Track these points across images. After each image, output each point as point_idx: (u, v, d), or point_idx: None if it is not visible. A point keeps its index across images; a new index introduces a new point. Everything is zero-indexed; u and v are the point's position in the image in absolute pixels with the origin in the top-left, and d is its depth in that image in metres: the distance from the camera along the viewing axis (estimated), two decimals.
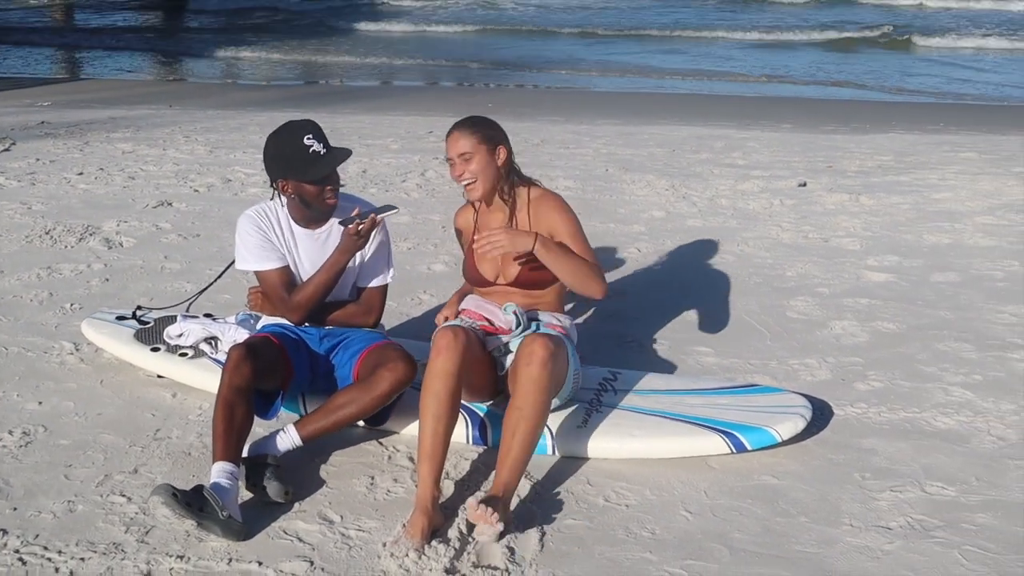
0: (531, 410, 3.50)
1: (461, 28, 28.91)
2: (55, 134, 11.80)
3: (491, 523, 3.24)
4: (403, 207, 7.91)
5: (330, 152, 3.92)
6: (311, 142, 3.87)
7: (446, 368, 3.53)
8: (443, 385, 3.52)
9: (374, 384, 3.77)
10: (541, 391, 3.52)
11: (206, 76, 20.86)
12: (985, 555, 3.26)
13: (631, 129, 12.82)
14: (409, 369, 3.79)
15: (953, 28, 26.32)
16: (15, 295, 5.81)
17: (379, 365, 3.80)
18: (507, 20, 30.28)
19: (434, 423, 3.51)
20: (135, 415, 4.27)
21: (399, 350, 3.90)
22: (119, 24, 30.63)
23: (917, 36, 25.14)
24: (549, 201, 4.01)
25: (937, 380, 4.70)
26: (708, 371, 4.83)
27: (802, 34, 26.16)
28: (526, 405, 3.50)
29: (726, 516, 3.51)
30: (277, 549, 3.28)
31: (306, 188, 3.92)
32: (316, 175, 3.90)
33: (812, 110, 15.19)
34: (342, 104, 15.26)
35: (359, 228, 3.88)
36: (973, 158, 10.64)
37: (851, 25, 27.06)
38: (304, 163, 3.88)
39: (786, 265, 6.64)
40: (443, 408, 3.52)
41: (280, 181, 3.96)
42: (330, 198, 3.98)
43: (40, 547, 3.25)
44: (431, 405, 3.52)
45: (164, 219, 7.71)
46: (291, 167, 3.90)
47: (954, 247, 7.12)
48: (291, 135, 3.90)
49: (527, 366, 3.53)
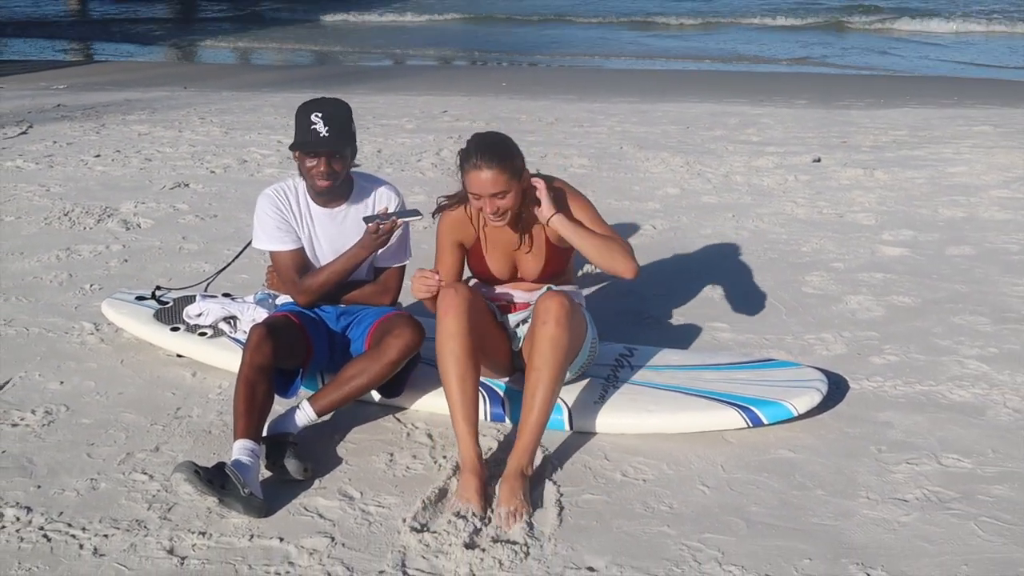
0: (549, 371, 3.52)
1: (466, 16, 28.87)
2: (71, 117, 11.84)
3: (522, 518, 3.30)
4: (419, 186, 7.94)
5: (330, 137, 3.90)
6: (316, 120, 3.88)
7: (456, 326, 3.56)
8: (457, 344, 3.55)
9: (382, 352, 3.80)
10: (559, 348, 3.53)
11: (221, 57, 20.87)
12: (1002, 526, 3.27)
13: (645, 107, 12.79)
14: (416, 334, 3.83)
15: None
16: (35, 276, 5.85)
17: (386, 333, 3.85)
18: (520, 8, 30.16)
19: (459, 384, 3.56)
20: (155, 394, 4.31)
21: (406, 317, 3.95)
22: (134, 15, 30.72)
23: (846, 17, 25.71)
24: (563, 193, 3.90)
25: (953, 353, 4.70)
26: (724, 346, 4.84)
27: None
28: (544, 365, 3.52)
29: (743, 490, 3.53)
30: (298, 525, 3.32)
31: (304, 161, 3.96)
32: (297, 143, 3.94)
33: (826, 86, 15.14)
34: (357, 84, 15.26)
35: (378, 227, 3.90)
36: (988, 132, 10.60)
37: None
38: (299, 133, 3.93)
39: (801, 240, 6.63)
40: (463, 367, 3.56)
41: (293, 152, 4.00)
42: (320, 179, 3.95)
43: (64, 524, 3.30)
44: (452, 367, 3.56)
45: (181, 200, 7.74)
46: (295, 136, 3.97)
47: (969, 220, 7.10)
48: (307, 108, 3.95)
49: (544, 324, 3.54)
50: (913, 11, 25.75)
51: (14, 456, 3.76)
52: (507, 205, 3.73)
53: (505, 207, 3.73)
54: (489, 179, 3.65)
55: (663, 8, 28.47)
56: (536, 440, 3.54)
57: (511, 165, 3.69)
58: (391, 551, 3.15)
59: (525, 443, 3.51)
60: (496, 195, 3.68)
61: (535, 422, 3.53)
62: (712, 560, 3.10)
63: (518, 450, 3.51)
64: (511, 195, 3.71)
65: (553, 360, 3.53)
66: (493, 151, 3.69)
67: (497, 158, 3.66)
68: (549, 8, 29.21)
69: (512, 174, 3.69)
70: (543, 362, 3.53)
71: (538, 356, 3.54)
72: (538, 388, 3.52)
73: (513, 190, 3.71)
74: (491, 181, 3.65)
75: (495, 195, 3.68)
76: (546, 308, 3.57)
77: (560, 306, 3.56)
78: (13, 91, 14.42)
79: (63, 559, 3.11)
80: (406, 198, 4.22)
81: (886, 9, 26.39)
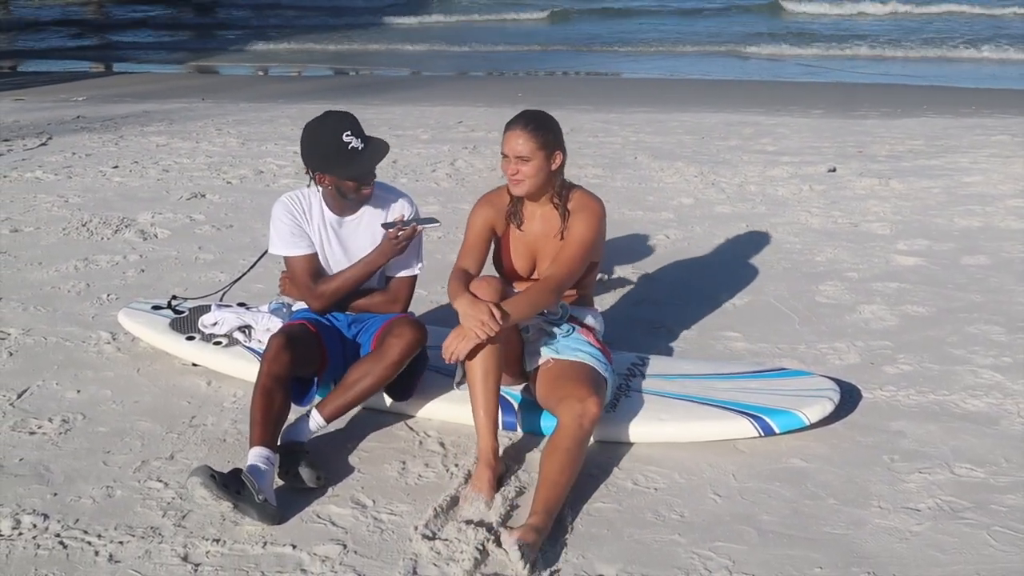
0: (572, 465, 3.48)
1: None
2: (90, 128, 11.94)
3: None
4: (433, 196, 7.97)
5: (368, 147, 3.95)
6: (349, 139, 3.89)
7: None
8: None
9: (384, 353, 3.83)
10: (582, 446, 3.54)
11: (237, 69, 20.99)
12: (1015, 536, 3.26)
13: (661, 116, 12.80)
14: (417, 334, 3.85)
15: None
16: (53, 286, 5.90)
17: (388, 334, 3.88)
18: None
19: (484, 376, 3.61)
20: (171, 403, 4.34)
21: (408, 317, 3.98)
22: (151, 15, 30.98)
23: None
24: (583, 212, 3.95)
25: (966, 363, 4.69)
26: (737, 356, 4.84)
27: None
28: (569, 460, 3.47)
29: (755, 499, 3.53)
30: (311, 533, 3.33)
31: (344, 183, 3.98)
32: (354, 173, 3.95)
33: (843, 95, 15.11)
34: (372, 95, 15.33)
35: (398, 233, 3.93)
36: (1006, 141, 10.56)
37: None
38: (342, 160, 3.91)
39: (815, 250, 6.63)
40: (490, 362, 3.61)
41: (317, 174, 4.00)
42: (366, 189, 4.04)
43: (80, 531, 3.33)
44: (479, 359, 3.59)
45: (198, 211, 7.79)
46: (328, 163, 3.94)
47: (985, 230, 7.08)
48: (329, 131, 3.92)
49: (580, 420, 3.53)
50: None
51: (31, 464, 3.79)
52: (527, 172, 3.86)
53: (525, 174, 3.86)
54: (518, 140, 3.84)
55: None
56: (553, 513, 3.36)
57: (542, 136, 3.85)
58: (403, 559, 3.16)
59: (540, 516, 3.31)
60: (520, 158, 3.84)
61: (555, 496, 3.40)
62: (723, 569, 3.11)
63: (535, 519, 3.29)
64: (533, 164, 3.85)
65: (576, 457, 3.50)
66: (531, 117, 3.91)
67: (532, 124, 3.86)
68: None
69: (541, 145, 3.84)
70: (567, 457, 3.48)
71: (563, 441, 3.52)
72: (563, 474, 3.44)
73: (537, 160, 3.85)
74: (519, 143, 3.83)
75: (520, 158, 3.84)
76: (584, 410, 3.56)
77: (596, 406, 3.58)
78: (34, 103, 14.55)
79: (79, 566, 3.14)
80: (420, 208, 4.24)
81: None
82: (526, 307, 3.74)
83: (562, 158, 3.92)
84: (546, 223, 4.02)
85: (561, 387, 3.69)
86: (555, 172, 3.93)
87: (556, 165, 3.91)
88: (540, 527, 3.21)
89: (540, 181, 3.90)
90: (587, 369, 3.80)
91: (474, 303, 3.58)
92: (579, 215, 3.94)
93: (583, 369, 3.79)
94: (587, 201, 3.99)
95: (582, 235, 3.91)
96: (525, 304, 3.74)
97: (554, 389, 3.73)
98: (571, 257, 3.88)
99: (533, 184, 3.90)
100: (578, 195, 4.01)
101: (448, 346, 3.59)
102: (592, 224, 3.93)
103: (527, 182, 3.88)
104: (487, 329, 3.53)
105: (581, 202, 3.98)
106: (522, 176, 3.87)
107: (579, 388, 3.63)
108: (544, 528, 3.24)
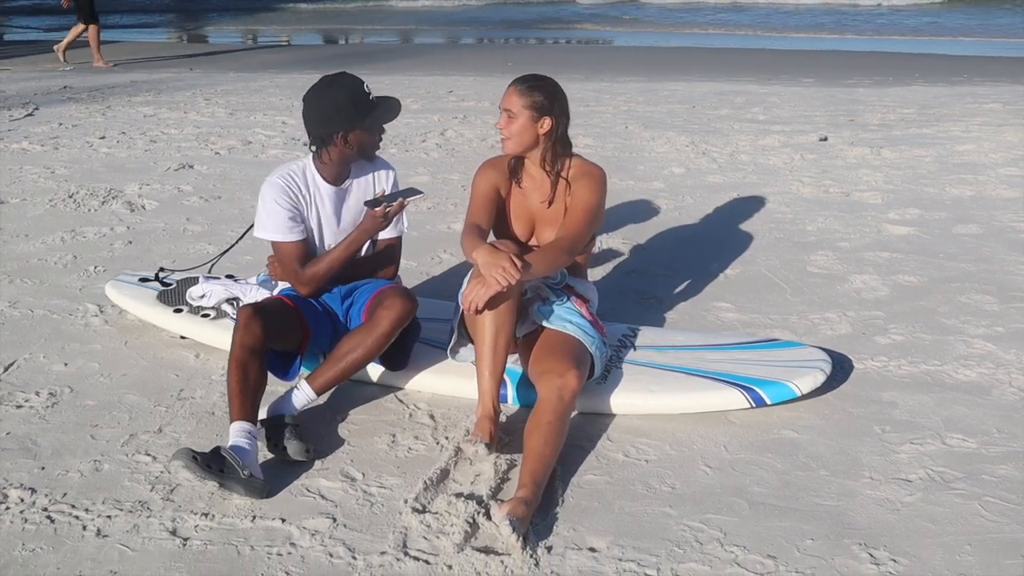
0: (556, 438, 3.46)
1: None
2: (77, 99, 11.85)
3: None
4: (423, 166, 7.92)
5: (382, 97, 4.06)
6: (368, 90, 3.99)
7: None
8: (500, 296, 3.57)
9: (374, 324, 3.80)
10: (564, 419, 3.53)
11: (226, 37, 20.84)
12: (1006, 506, 3.26)
13: (652, 86, 12.76)
14: (407, 304, 3.82)
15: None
16: (40, 258, 5.86)
17: (378, 305, 3.84)
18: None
19: (494, 334, 3.62)
20: (159, 376, 4.32)
21: (398, 287, 3.96)
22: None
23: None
24: (585, 179, 3.96)
25: (958, 332, 4.68)
26: (728, 326, 4.83)
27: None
28: (552, 433, 3.46)
29: (746, 470, 3.52)
30: (300, 506, 3.32)
31: (365, 137, 4.00)
32: (387, 117, 4.05)
33: (834, 64, 15.07)
34: (362, 64, 15.20)
35: (386, 210, 3.89)
36: (997, 109, 10.55)
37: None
38: (370, 109, 3.97)
39: (806, 220, 6.61)
40: (502, 319, 3.61)
41: (341, 134, 3.96)
42: (380, 139, 4.10)
43: (68, 505, 3.30)
44: (489, 317, 3.59)
45: (186, 182, 7.74)
46: (358, 116, 3.95)
47: (977, 199, 7.07)
48: (347, 88, 3.96)
49: (560, 392, 3.55)
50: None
51: (18, 437, 3.76)
52: (513, 130, 3.90)
53: (510, 131, 3.91)
54: (512, 96, 3.90)
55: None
56: (540, 487, 3.33)
57: (532, 97, 3.88)
58: (393, 532, 3.14)
59: (528, 489, 3.28)
60: (508, 112, 3.90)
61: (540, 471, 3.37)
62: (714, 541, 3.09)
63: (522, 493, 3.27)
64: (519, 122, 3.88)
65: (558, 430, 3.48)
66: (532, 77, 3.98)
67: (528, 83, 3.92)
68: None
69: (529, 105, 3.87)
70: (551, 430, 3.47)
71: (544, 415, 3.51)
72: (546, 448, 3.42)
73: (523, 119, 3.88)
74: (512, 99, 3.90)
75: (508, 111, 3.90)
76: (564, 382, 3.57)
77: (577, 380, 3.60)
78: (20, 73, 14.45)
79: (66, 540, 3.11)
80: (411, 179, 4.20)
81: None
82: (543, 263, 3.74)
83: (552, 124, 3.90)
84: (540, 189, 4.03)
85: (543, 360, 3.69)
86: (544, 136, 3.92)
87: (544, 130, 3.90)
88: (529, 499, 3.19)
89: (525, 141, 3.92)
90: (572, 342, 3.79)
91: (494, 252, 3.56)
92: (581, 181, 3.95)
93: (568, 342, 3.79)
94: (588, 167, 4.00)
95: (586, 200, 3.92)
96: (543, 260, 3.74)
97: (536, 361, 3.73)
98: (578, 221, 3.89)
99: (517, 143, 3.92)
100: (577, 163, 4.01)
101: (467, 294, 3.56)
102: (595, 188, 3.95)
103: (512, 140, 3.92)
104: (508, 276, 3.49)
105: (582, 169, 3.99)
106: (508, 133, 3.91)
107: (560, 362, 3.63)
108: (533, 500, 3.22)
